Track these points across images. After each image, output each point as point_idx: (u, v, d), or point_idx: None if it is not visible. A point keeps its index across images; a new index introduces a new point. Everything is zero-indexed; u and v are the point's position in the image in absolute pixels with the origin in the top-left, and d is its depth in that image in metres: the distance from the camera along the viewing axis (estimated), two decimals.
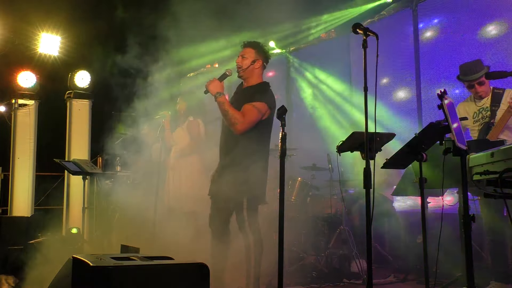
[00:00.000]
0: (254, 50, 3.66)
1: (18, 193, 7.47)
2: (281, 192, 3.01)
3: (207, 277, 2.29)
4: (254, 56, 3.64)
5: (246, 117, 3.46)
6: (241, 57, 3.66)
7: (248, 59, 3.63)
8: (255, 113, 3.47)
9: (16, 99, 7.66)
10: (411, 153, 3.23)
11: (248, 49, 3.67)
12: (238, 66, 3.67)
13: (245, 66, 3.63)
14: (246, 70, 3.64)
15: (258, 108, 3.48)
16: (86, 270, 2.20)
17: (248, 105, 3.49)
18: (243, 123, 3.46)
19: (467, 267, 2.52)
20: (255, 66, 3.65)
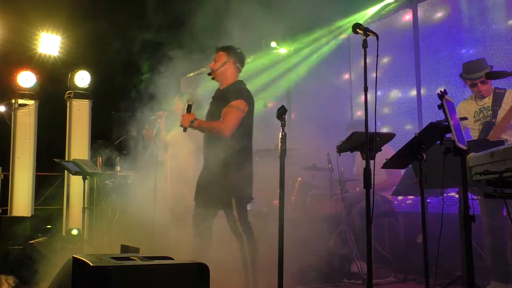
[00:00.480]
0: (225, 53, 3.83)
1: (18, 193, 7.47)
2: (281, 192, 3.01)
3: (207, 277, 2.29)
4: (225, 58, 3.81)
5: (227, 120, 3.60)
6: (214, 61, 3.86)
7: (219, 62, 3.82)
8: (235, 113, 3.60)
9: (16, 99, 7.66)
10: (411, 153, 3.23)
11: (220, 53, 3.86)
12: (211, 70, 3.85)
13: (216, 68, 3.81)
14: (217, 72, 3.80)
15: (236, 106, 3.62)
16: (86, 270, 2.20)
17: (225, 108, 3.63)
18: (226, 127, 3.58)
19: (467, 267, 2.52)
20: (226, 68, 3.80)
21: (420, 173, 3.22)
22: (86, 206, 6.27)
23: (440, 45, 5.62)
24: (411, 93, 5.93)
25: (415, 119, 5.81)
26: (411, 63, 5.92)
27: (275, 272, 2.86)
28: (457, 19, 5.46)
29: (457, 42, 5.41)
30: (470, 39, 5.28)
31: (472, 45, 5.26)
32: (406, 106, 5.99)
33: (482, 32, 5.14)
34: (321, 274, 4.46)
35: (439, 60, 5.60)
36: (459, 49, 5.37)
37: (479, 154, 2.35)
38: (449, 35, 5.52)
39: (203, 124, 3.65)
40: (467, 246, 2.51)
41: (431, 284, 3.19)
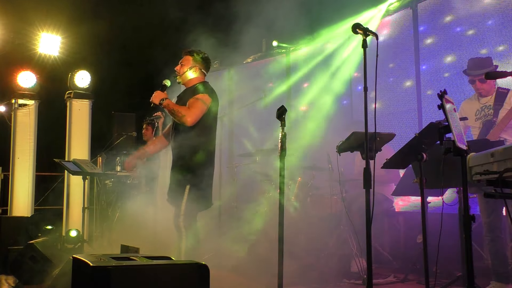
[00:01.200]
0: (191, 58, 3.92)
1: (18, 193, 7.47)
2: (281, 192, 3.02)
3: (207, 277, 2.29)
4: (190, 63, 3.91)
5: (192, 109, 3.67)
6: (180, 64, 3.94)
7: (185, 66, 3.92)
8: (199, 104, 3.69)
9: (16, 99, 7.66)
10: (411, 153, 3.24)
11: (187, 57, 3.94)
12: (176, 73, 3.94)
13: (182, 73, 3.91)
14: (182, 76, 3.90)
15: (201, 99, 3.71)
16: (86, 270, 2.20)
17: (191, 99, 3.72)
18: (190, 114, 3.65)
19: (467, 267, 2.52)
20: (192, 73, 3.91)
21: (420, 173, 3.22)
22: (86, 206, 6.26)
23: (441, 44, 5.62)
24: (411, 92, 5.93)
25: (415, 119, 5.81)
26: (411, 62, 5.92)
27: (275, 272, 2.86)
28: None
29: (457, 42, 5.41)
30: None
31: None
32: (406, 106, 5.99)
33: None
34: (321, 274, 4.46)
35: (439, 59, 5.60)
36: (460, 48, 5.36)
37: (479, 154, 2.35)
38: (449, 35, 5.51)
39: (172, 105, 3.69)
40: (467, 246, 2.51)
41: (431, 284, 3.20)
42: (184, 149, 3.69)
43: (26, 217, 6.41)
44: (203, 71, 3.95)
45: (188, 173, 3.64)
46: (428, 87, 5.70)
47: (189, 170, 3.65)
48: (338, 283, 4.35)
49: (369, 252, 2.78)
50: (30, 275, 4.29)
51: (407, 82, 5.99)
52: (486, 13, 5.12)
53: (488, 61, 3.98)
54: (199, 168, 3.67)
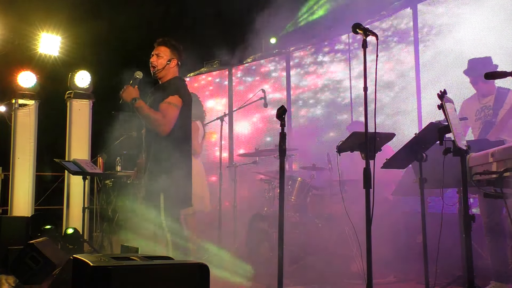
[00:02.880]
0: (169, 49, 3.61)
1: (18, 193, 7.46)
2: (281, 192, 3.02)
3: (207, 277, 2.29)
4: (169, 55, 3.60)
5: (166, 116, 3.41)
6: (156, 55, 3.59)
7: (164, 58, 3.58)
8: (172, 109, 3.42)
9: (16, 99, 7.65)
10: (411, 153, 3.24)
11: (163, 47, 3.61)
12: (152, 66, 3.59)
13: (161, 66, 3.58)
14: (161, 69, 3.58)
15: (173, 103, 3.44)
16: (86, 270, 2.20)
17: (162, 104, 3.44)
18: (166, 123, 3.41)
19: (467, 267, 2.52)
20: (170, 65, 3.60)
21: (420, 173, 3.22)
22: (86, 206, 6.26)
23: (441, 44, 5.61)
24: (411, 92, 5.93)
25: (415, 119, 5.81)
26: (411, 62, 5.92)
27: (275, 272, 2.86)
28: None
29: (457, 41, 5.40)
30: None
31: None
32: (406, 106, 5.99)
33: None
34: (321, 274, 4.46)
35: (439, 59, 5.60)
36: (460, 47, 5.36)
37: (479, 154, 2.35)
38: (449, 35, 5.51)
39: (146, 108, 3.39)
40: (467, 246, 2.51)
41: (431, 284, 3.20)
42: (157, 153, 3.46)
43: (26, 217, 6.40)
44: (179, 63, 3.66)
45: (162, 178, 3.40)
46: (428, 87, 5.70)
47: (163, 175, 3.41)
48: (338, 283, 4.35)
49: (369, 252, 2.78)
50: (30, 275, 4.29)
51: (406, 82, 5.99)
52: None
53: (488, 61, 3.98)
54: (173, 172, 3.43)
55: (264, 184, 5.44)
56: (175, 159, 3.44)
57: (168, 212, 3.44)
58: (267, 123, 7.90)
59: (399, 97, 6.06)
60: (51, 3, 7.73)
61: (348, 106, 6.76)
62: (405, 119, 5.94)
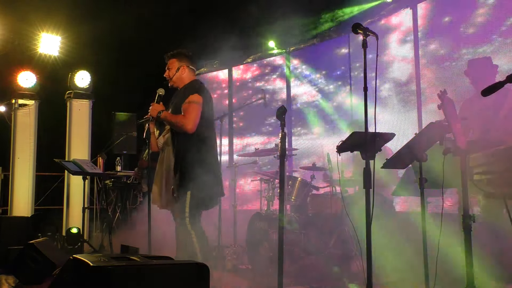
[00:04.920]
0: (176, 59, 3.89)
1: (18, 193, 7.46)
2: (281, 192, 3.02)
3: (207, 277, 2.29)
4: (177, 64, 3.88)
5: (187, 115, 3.63)
6: (167, 69, 3.91)
7: (173, 69, 3.87)
8: (192, 107, 3.64)
9: (16, 99, 7.65)
10: (411, 153, 3.23)
11: (171, 60, 3.91)
12: (167, 79, 3.92)
13: (172, 76, 3.88)
14: (173, 79, 3.88)
15: (193, 101, 3.66)
16: (86, 270, 2.20)
17: (183, 105, 3.68)
18: (188, 122, 3.61)
19: (467, 267, 2.52)
20: (181, 73, 3.87)
21: (420, 173, 3.22)
22: (86, 206, 6.26)
23: (441, 44, 5.61)
24: (411, 92, 5.93)
25: (415, 119, 5.81)
26: (411, 62, 5.92)
27: (275, 272, 2.86)
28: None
29: (458, 41, 5.41)
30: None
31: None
32: (406, 106, 5.99)
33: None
34: (321, 274, 4.46)
35: (439, 59, 5.60)
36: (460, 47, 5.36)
37: (479, 154, 2.35)
38: (449, 35, 5.51)
39: (169, 116, 3.69)
40: (467, 246, 2.51)
41: (431, 284, 3.19)
42: (182, 152, 3.64)
43: (26, 217, 6.41)
44: (191, 67, 3.92)
45: (188, 177, 3.57)
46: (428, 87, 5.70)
47: (188, 173, 3.58)
48: (338, 283, 4.35)
49: (369, 252, 2.78)
50: (30, 275, 4.29)
51: (407, 82, 5.99)
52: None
53: (487, 61, 3.98)
54: (199, 170, 3.61)
55: (264, 184, 5.43)
56: (202, 157, 3.64)
57: (192, 211, 3.60)
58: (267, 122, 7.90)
59: (399, 97, 6.07)
60: (51, 3, 7.72)
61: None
62: (405, 119, 5.94)
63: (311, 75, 7.46)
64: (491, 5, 5.11)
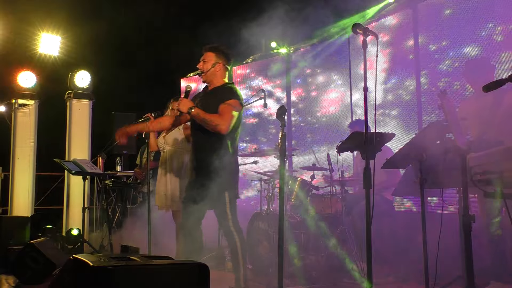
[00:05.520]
0: (214, 54, 3.79)
1: (18, 193, 7.46)
2: (281, 192, 3.02)
3: (207, 277, 2.29)
4: (214, 59, 3.77)
5: (225, 116, 3.58)
6: (202, 61, 3.80)
7: (209, 63, 3.76)
8: (230, 110, 3.61)
9: (16, 99, 7.65)
10: (411, 153, 3.24)
11: (209, 53, 3.80)
12: (200, 71, 3.82)
13: (206, 70, 3.77)
14: (207, 74, 3.77)
15: (233, 105, 3.63)
16: (86, 270, 2.20)
17: (222, 105, 3.61)
18: (224, 122, 3.57)
19: (467, 267, 2.52)
20: (216, 69, 3.77)
21: (420, 173, 3.22)
22: (86, 206, 6.26)
23: (441, 44, 5.62)
24: (411, 92, 5.93)
25: (415, 119, 5.81)
26: (411, 62, 5.92)
27: (275, 272, 2.86)
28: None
29: (458, 41, 5.41)
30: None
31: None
32: (406, 106, 5.99)
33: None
34: (321, 274, 4.46)
35: (439, 59, 5.60)
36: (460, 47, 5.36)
37: (479, 154, 2.35)
38: (449, 35, 5.51)
39: (203, 114, 3.56)
40: (467, 246, 2.52)
41: (431, 284, 3.20)
42: (213, 153, 3.59)
43: (26, 217, 6.40)
44: (226, 66, 3.82)
45: (224, 177, 3.55)
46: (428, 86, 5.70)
47: (224, 174, 3.57)
48: (338, 283, 4.35)
49: (369, 252, 2.78)
50: (30, 275, 4.29)
51: (407, 81, 5.99)
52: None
53: (485, 62, 3.98)
54: (231, 170, 3.65)
55: (264, 184, 5.44)
56: (231, 158, 3.65)
57: (232, 211, 3.62)
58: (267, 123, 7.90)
59: (399, 97, 6.07)
60: (51, 3, 7.73)
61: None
62: (405, 119, 5.94)
63: (311, 75, 7.46)
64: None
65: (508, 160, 2.12)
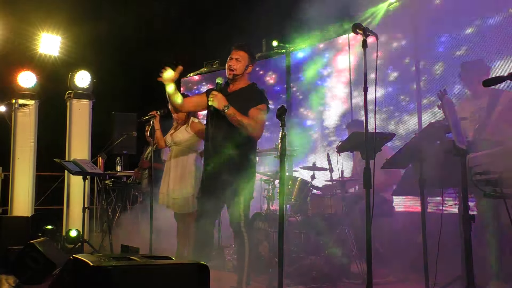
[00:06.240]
0: (247, 54, 3.67)
1: (18, 193, 7.46)
2: (281, 192, 3.02)
3: (207, 277, 2.29)
4: (247, 60, 3.67)
5: (258, 122, 3.54)
6: (235, 60, 3.64)
7: (242, 63, 3.64)
8: (262, 115, 3.58)
9: (16, 99, 7.65)
10: (411, 153, 3.24)
11: (242, 52, 3.65)
12: (231, 69, 3.64)
13: (240, 71, 3.64)
14: (239, 75, 3.65)
15: (263, 110, 3.60)
16: (86, 270, 2.20)
17: (254, 109, 3.55)
18: (259, 128, 3.56)
19: (467, 267, 2.52)
20: (247, 71, 3.70)
21: (420, 173, 3.22)
22: (86, 206, 6.26)
23: (441, 44, 5.62)
24: (411, 92, 5.92)
25: (415, 119, 5.81)
26: (411, 62, 5.92)
27: (275, 272, 2.86)
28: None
29: (458, 41, 5.40)
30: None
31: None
32: (406, 106, 5.99)
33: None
34: (321, 274, 4.46)
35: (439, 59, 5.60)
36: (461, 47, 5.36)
37: (479, 154, 2.35)
38: (449, 35, 5.51)
39: (238, 115, 3.45)
40: (467, 246, 2.52)
41: (431, 284, 3.20)
42: (234, 153, 3.55)
43: (26, 217, 6.40)
44: (251, 68, 3.73)
45: (242, 178, 3.56)
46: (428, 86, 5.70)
47: (245, 174, 3.58)
48: (338, 283, 4.35)
49: (369, 252, 2.78)
50: (30, 275, 4.29)
51: (407, 81, 5.99)
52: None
53: (481, 63, 4.00)
54: (252, 173, 3.66)
55: (264, 184, 5.43)
56: (254, 159, 3.67)
57: (246, 213, 3.61)
58: None
59: (399, 97, 6.07)
60: (51, 3, 7.73)
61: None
62: (405, 119, 5.94)
63: (311, 75, 7.46)
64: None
65: (508, 160, 2.12)
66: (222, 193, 3.55)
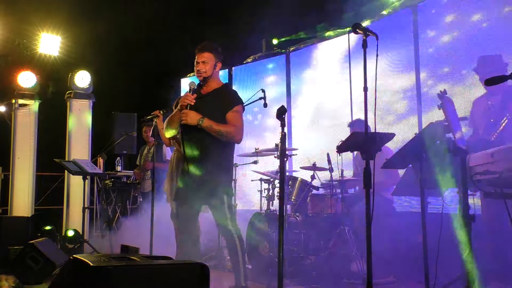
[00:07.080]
0: (212, 54, 3.63)
1: (18, 193, 7.47)
2: (281, 192, 3.02)
3: (207, 277, 2.29)
4: (214, 60, 3.64)
5: (237, 126, 3.57)
6: (202, 63, 3.61)
7: (210, 64, 3.61)
8: (239, 118, 3.61)
9: (16, 99, 7.66)
10: (411, 153, 3.24)
11: (206, 53, 3.62)
12: (201, 72, 3.62)
13: (210, 72, 3.62)
14: (210, 77, 3.64)
15: (239, 111, 3.63)
16: (86, 270, 2.19)
17: (231, 113, 3.57)
18: (239, 133, 3.58)
19: (467, 266, 2.52)
20: (216, 70, 3.69)
21: (420, 173, 3.22)
22: (86, 206, 6.26)
23: (441, 44, 5.61)
24: (411, 92, 5.93)
25: (415, 119, 5.81)
26: (411, 62, 5.91)
27: (275, 272, 2.86)
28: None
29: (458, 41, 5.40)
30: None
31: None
32: (406, 106, 5.99)
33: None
34: (321, 274, 4.46)
35: (439, 59, 5.60)
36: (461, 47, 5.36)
37: (479, 154, 2.35)
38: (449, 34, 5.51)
39: (216, 125, 3.46)
40: (467, 246, 2.51)
41: (431, 284, 3.20)
42: (215, 151, 3.55)
43: (26, 217, 6.41)
44: (220, 65, 3.70)
45: (222, 178, 3.57)
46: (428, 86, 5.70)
47: (223, 175, 3.58)
48: (338, 283, 4.35)
49: (369, 252, 2.78)
50: (30, 275, 4.30)
51: (407, 81, 5.99)
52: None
53: (498, 59, 3.94)
54: (229, 171, 3.68)
55: (264, 184, 5.44)
56: (230, 162, 3.70)
57: (231, 211, 3.60)
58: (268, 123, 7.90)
59: (399, 97, 6.07)
60: (51, 3, 7.73)
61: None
62: (405, 119, 5.94)
63: (311, 75, 7.46)
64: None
65: (508, 160, 2.12)
66: (203, 195, 3.56)
